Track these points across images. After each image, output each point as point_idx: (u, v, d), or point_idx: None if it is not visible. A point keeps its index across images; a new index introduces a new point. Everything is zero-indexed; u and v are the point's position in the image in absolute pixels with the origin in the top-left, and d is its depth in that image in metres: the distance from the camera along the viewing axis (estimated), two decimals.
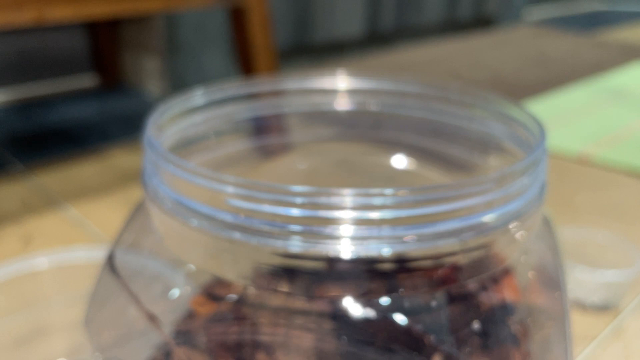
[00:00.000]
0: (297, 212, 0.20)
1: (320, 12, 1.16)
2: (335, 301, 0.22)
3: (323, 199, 0.19)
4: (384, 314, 0.22)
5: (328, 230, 0.20)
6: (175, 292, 0.26)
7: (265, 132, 0.34)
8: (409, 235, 0.20)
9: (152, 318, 0.24)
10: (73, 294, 0.34)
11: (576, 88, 0.98)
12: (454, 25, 1.50)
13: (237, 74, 0.64)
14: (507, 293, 0.25)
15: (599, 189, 0.62)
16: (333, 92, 0.33)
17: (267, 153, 0.36)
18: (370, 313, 0.22)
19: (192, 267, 0.25)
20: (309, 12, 1.15)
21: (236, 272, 0.22)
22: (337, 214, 0.20)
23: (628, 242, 0.43)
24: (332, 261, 0.21)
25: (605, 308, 0.41)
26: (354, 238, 0.20)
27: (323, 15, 1.17)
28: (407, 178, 0.34)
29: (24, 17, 0.44)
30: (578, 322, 0.40)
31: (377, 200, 0.20)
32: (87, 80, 1.05)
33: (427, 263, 0.21)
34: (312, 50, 1.21)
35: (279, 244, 0.20)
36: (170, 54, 0.96)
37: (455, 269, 0.22)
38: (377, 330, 0.22)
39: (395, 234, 0.20)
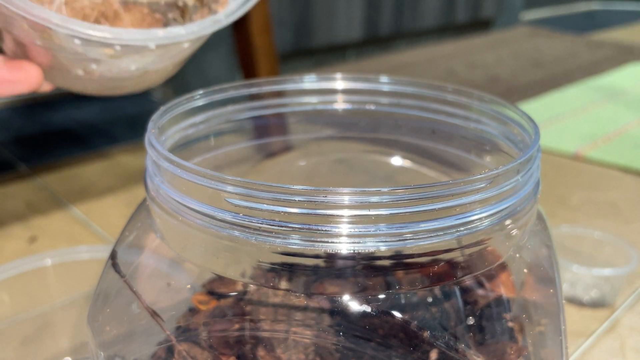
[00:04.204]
0: (296, 211, 0.20)
1: (320, 16, 1.17)
2: (333, 298, 0.22)
3: (321, 198, 0.20)
4: (382, 310, 0.22)
5: (326, 228, 0.20)
6: (176, 289, 0.26)
7: (265, 132, 0.35)
8: (406, 232, 0.20)
9: (153, 315, 0.24)
10: (77, 292, 0.34)
11: (572, 88, 0.98)
12: (451, 29, 1.50)
13: (239, 77, 0.64)
14: (502, 289, 0.25)
15: (595, 188, 0.62)
16: (332, 92, 0.34)
17: (267, 153, 0.36)
18: (368, 309, 0.22)
19: (192, 264, 0.25)
20: (309, 16, 1.15)
21: (236, 269, 0.23)
22: (335, 212, 0.20)
23: (623, 240, 0.43)
24: (331, 258, 0.21)
25: (601, 305, 0.41)
26: (351, 236, 0.20)
27: (323, 19, 1.18)
28: (405, 177, 0.35)
29: None
30: (574, 319, 0.40)
31: (374, 199, 0.20)
32: None
33: (423, 260, 0.21)
34: (312, 53, 1.21)
35: (278, 242, 0.20)
36: None
37: (452, 265, 0.22)
38: (375, 327, 0.22)
39: (392, 232, 0.20)
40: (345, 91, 0.34)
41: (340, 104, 0.34)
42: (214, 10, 0.32)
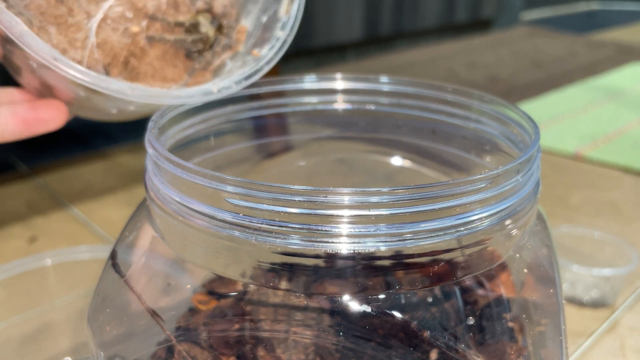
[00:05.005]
0: (296, 211, 0.20)
1: (320, 16, 1.17)
2: (333, 298, 0.22)
3: (321, 198, 0.20)
4: (382, 310, 0.22)
5: (326, 228, 0.20)
6: (177, 289, 0.26)
7: (265, 132, 0.35)
8: (406, 232, 0.20)
9: (153, 315, 0.24)
10: (77, 292, 0.34)
11: (572, 88, 0.98)
12: (451, 29, 1.50)
13: None
14: (502, 289, 0.25)
15: (595, 188, 0.62)
16: (332, 92, 0.34)
17: (267, 153, 0.36)
18: (368, 309, 0.22)
19: (193, 264, 0.25)
20: (309, 16, 1.15)
21: (236, 269, 0.23)
22: (335, 212, 0.20)
23: (624, 240, 0.43)
24: (331, 258, 0.21)
25: (601, 305, 0.41)
26: (351, 236, 0.20)
27: (323, 19, 1.18)
28: (405, 177, 0.35)
29: None
30: (574, 319, 0.40)
31: (374, 199, 0.20)
32: None
33: (423, 260, 0.22)
34: (312, 53, 1.21)
35: (278, 242, 0.20)
36: None
37: (452, 265, 0.22)
38: (375, 327, 0.22)
39: (392, 232, 0.20)
40: (345, 91, 0.34)
41: (340, 104, 0.34)
42: (233, 38, 0.32)
